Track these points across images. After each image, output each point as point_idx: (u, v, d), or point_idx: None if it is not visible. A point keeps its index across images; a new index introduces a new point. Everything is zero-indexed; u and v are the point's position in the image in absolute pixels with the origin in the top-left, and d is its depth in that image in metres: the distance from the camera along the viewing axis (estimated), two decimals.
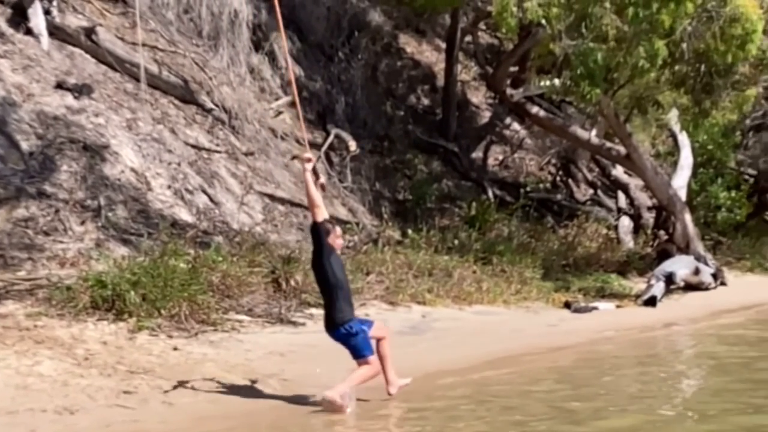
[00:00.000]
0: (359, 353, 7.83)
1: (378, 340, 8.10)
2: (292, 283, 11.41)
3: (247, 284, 10.93)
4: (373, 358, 7.86)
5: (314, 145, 16.63)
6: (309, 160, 8.19)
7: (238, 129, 15.36)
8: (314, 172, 8.44)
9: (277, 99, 17.26)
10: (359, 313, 11.60)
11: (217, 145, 14.90)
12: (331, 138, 16.81)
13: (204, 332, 9.52)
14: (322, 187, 8.48)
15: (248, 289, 10.91)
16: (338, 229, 8.16)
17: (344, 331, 7.81)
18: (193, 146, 14.26)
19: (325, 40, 19.13)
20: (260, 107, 16.49)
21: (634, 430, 7.32)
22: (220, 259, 11.03)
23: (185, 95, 15.14)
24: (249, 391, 8.08)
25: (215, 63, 16.08)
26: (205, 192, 13.46)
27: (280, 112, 17.00)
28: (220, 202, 13.56)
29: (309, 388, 8.08)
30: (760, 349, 11.92)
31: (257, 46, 17.48)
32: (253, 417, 7.41)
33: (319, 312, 11.18)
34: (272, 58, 17.78)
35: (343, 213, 15.76)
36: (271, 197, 14.68)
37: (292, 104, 17.33)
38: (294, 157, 15.79)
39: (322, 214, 7.93)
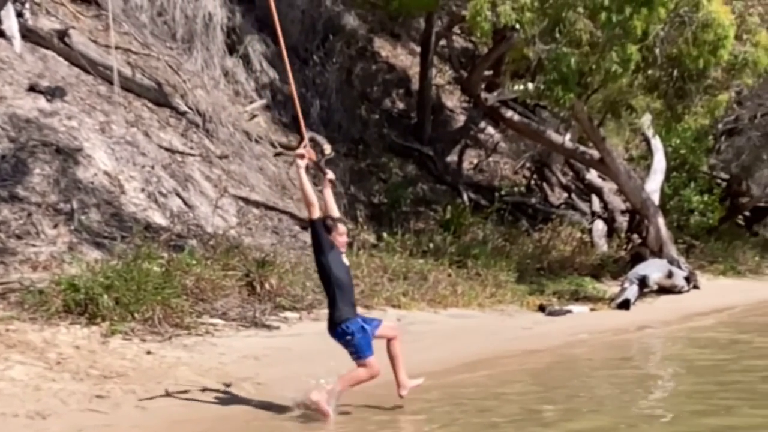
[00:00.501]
0: (356, 354, 7.70)
1: (388, 341, 7.97)
2: (267, 286, 11.38)
3: (221, 288, 10.88)
4: (371, 360, 7.70)
5: (289, 148, 16.62)
6: (302, 156, 8.05)
7: (212, 132, 15.30)
8: (319, 167, 8.49)
9: (251, 102, 17.22)
10: None
11: (191, 148, 14.83)
12: (306, 141, 16.74)
13: (178, 336, 9.46)
14: (332, 183, 8.29)
15: (222, 292, 10.86)
16: (341, 227, 8.00)
17: (340, 330, 7.68)
18: (167, 149, 14.19)
19: (300, 44, 19.09)
20: (234, 110, 16.44)
21: (604, 431, 7.34)
22: (194, 262, 10.98)
23: (159, 98, 15.07)
24: (223, 395, 8.04)
25: (189, 66, 16.01)
26: (179, 195, 13.40)
27: (254, 116, 16.96)
28: (194, 206, 13.50)
29: (284, 391, 8.05)
30: (732, 352, 12.01)
31: (231, 49, 17.42)
32: (227, 421, 7.38)
33: (294, 315, 11.26)
34: (246, 61, 17.73)
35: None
36: (246, 200, 14.64)
37: (267, 107, 17.35)
38: (278, 154, 15.56)
39: (317, 212, 7.80)
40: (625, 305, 15.63)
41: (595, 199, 23.18)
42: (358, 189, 17.87)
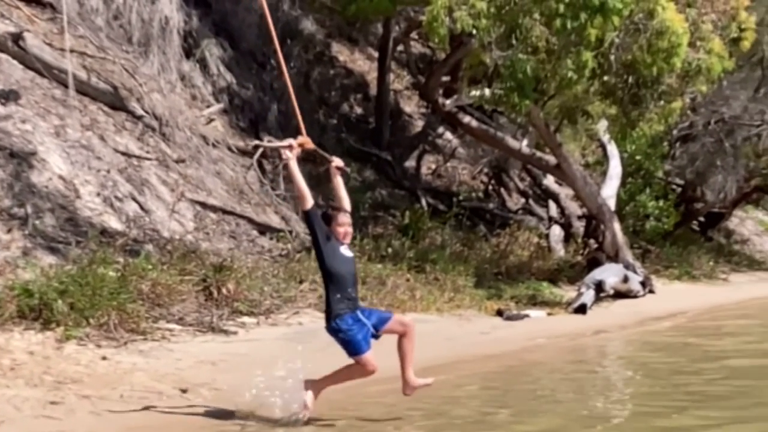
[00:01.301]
0: (348, 351, 7.50)
1: (399, 337, 7.78)
2: (224, 291, 11.31)
3: (177, 293, 10.80)
4: (365, 357, 7.49)
5: (246, 153, 16.55)
6: (291, 147, 7.79)
7: (168, 136, 15.18)
8: (322, 155, 8.11)
9: (208, 106, 17.12)
10: (293, 321, 11.64)
11: (148, 152, 14.71)
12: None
13: (133, 341, 9.37)
14: (341, 171, 7.92)
15: (179, 297, 10.78)
16: (341, 217, 7.65)
17: (334, 326, 7.48)
18: (123, 153, 14.06)
19: (257, 48, 19.03)
20: (191, 114, 16.33)
21: None
22: (150, 267, 10.89)
23: (115, 102, 14.92)
24: (179, 400, 7.97)
25: (145, 70, 15.88)
26: (135, 200, 13.28)
27: (211, 120, 16.86)
28: (150, 210, 13.39)
29: (241, 397, 8.00)
30: (685, 355, 12.17)
31: (188, 53, 17.32)
32: (183, 427, 7.32)
33: (252, 320, 11.19)
34: (203, 65, 17.63)
35: (275, 221, 15.69)
36: (203, 205, 14.54)
37: (224, 111, 17.26)
38: (255, 147, 15.29)
39: (309, 202, 7.54)
40: (581, 310, 15.76)
41: (552, 204, 23.37)
42: (317, 194, 17.64)
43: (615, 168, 21.77)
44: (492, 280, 16.71)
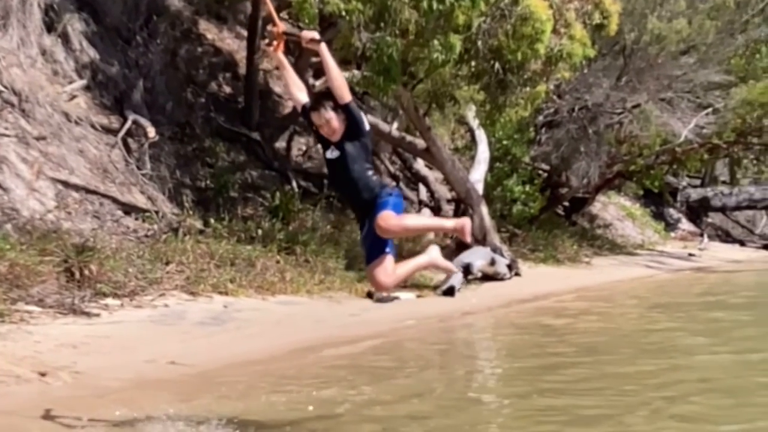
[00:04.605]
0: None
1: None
2: (87, 272, 10.94)
3: (37, 274, 10.39)
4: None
5: (110, 131, 16.05)
6: (273, 47, 7.04)
7: (28, 112, 14.58)
8: (293, 35, 7.29)
9: (70, 82, 16.50)
10: (158, 303, 11.37)
11: (6, 128, 14.08)
12: (128, 124, 16.22)
13: None
14: (315, 42, 6.89)
15: (39, 278, 10.37)
16: (314, 116, 6.70)
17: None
18: None
19: (122, 24, 18.43)
20: (53, 90, 15.71)
21: (423, 416, 7.43)
22: (8, 247, 10.47)
23: None
24: (38, 384, 7.65)
25: (4, 44, 15.18)
26: None
27: (74, 96, 16.27)
28: (8, 188, 12.83)
29: (102, 380, 7.75)
30: (550, 336, 12.45)
31: (50, 27, 16.65)
32: (41, 410, 7.01)
33: (115, 302, 10.86)
34: (66, 40, 16.98)
35: (141, 201, 15.27)
36: (65, 183, 14.03)
37: (87, 88, 16.68)
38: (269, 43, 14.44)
39: (303, 98, 6.92)
40: (450, 292, 15.93)
41: (422, 187, 23.54)
42: (184, 173, 17.44)
43: (483, 153, 22.09)
44: (363, 263, 16.65)
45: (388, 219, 6.62)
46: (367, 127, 6.81)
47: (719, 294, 19.05)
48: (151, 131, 16.10)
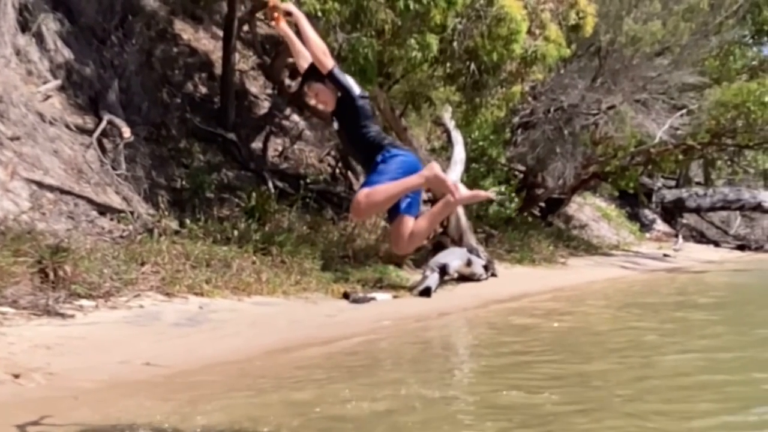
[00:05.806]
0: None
1: None
2: (61, 273, 10.89)
3: (11, 275, 10.33)
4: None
5: (85, 131, 15.98)
6: (275, 19, 6.85)
7: (2, 113, 14.48)
8: (270, 7, 6.92)
9: (45, 82, 16.42)
10: (134, 303, 11.33)
11: None
12: (103, 124, 16.15)
13: None
14: (287, 14, 6.85)
15: (12, 279, 10.31)
16: (306, 90, 6.76)
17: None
18: None
19: (97, 24, 18.35)
20: (27, 90, 15.63)
21: (395, 413, 7.45)
22: None
23: None
24: (11, 385, 7.62)
25: None
26: None
27: (48, 96, 16.18)
28: None
29: (76, 381, 7.72)
30: (524, 336, 12.50)
31: (24, 27, 16.55)
32: (15, 410, 6.98)
33: (90, 303, 10.82)
34: (40, 40, 16.89)
35: (117, 201, 15.21)
36: (39, 184, 13.95)
37: (62, 88, 16.59)
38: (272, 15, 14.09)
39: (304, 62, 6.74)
40: (426, 293, 15.96)
41: None
42: (160, 174, 17.38)
43: (459, 154, 22.12)
44: (339, 264, 16.71)
45: (356, 208, 6.21)
46: (357, 90, 6.69)
47: (690, 294, 19.22)
48: (126, 131, 16.04)
